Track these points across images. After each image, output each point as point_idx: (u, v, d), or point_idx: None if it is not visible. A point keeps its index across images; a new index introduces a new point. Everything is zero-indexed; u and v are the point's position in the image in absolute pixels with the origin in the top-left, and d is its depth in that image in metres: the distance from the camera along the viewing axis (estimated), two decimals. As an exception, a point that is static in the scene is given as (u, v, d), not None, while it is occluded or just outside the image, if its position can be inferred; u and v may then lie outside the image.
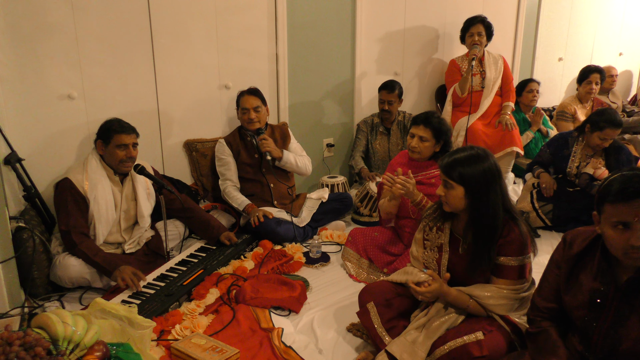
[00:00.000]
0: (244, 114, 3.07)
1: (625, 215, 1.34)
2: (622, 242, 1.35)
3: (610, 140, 3.09)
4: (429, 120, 2.49)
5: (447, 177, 1.83)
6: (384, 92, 3.70)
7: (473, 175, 1.78)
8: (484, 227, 1.80)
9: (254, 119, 3.06)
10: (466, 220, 1.87)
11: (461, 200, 1.81)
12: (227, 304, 2.36)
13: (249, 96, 3.08)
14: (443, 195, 1.85)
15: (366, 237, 2.73)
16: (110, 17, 2.78)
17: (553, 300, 1.62)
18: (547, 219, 3.25)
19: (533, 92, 4.29)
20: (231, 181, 3.14)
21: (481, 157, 1.80)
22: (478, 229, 1.81)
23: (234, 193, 3.11)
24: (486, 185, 1.78)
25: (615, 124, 3.04)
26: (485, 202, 1.78)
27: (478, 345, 1.68)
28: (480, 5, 4.51)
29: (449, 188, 1.83)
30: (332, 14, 3.68)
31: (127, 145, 2.54)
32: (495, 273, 1.84)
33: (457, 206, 1.83)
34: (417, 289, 1.79)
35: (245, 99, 3.07)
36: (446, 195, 1.84)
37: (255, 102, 3.06)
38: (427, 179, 2.57)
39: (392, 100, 3.69)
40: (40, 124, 2.65)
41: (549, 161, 3.41)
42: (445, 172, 1.83)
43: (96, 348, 1.62)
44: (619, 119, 3.06)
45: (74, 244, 2.42)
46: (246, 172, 3.16)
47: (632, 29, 5.89)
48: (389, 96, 3.68)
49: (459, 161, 1.81)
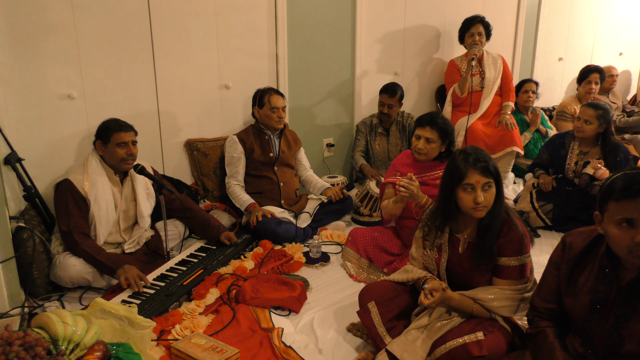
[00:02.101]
0: (274, 112, 3.11)
1: (630, 212, 1.33)
2: (627, 240, 1.34)
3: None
4: (435, 122, 2.48)
5: (490, 177, 1.78)
6: (385, 95, 3.70)
7: (494, 164, 1.82)
8: (494, 223, 1.80)
9: (283, 118, 3.16)
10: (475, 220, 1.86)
11: (494, 196, 1.81)
12: (227, 304, 2.36)
13: (279, 96, 3.16)
14: (483, 201, 1.76)
15: (366, 237, 2.73)
16: (110, 17, 2.78)
17: (552, 301, 1.62)
18: (547, 219, 3.25)
19: (528, 93, 4.27)
20: (236, 180, 3.16)
21: (480, 149, 1.87)
22: (487, 225, 1.81)
23: (238, 192, 3.13)
24: (499, 173, 1.83)
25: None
26: (502, 195, 1.83)
27: (478, 344, 1.68)
28: (480, 5, 4.51)
29: (487, 189, 1.78)
30: (332, 14, 3.68)
31: (127, 142, 2.54)
32: (497, 274, 1.84)
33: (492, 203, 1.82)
34: (423, 301, 1.78)
35: (276, 98, 3.13)
36: (488, 198, 1.78)
37: (284, 102, 3.17)
38: (432, 180, 2.57)
39: (392, 105, 3.69)
40: (40, 124, 2.65)
41: (547, 163, 3.42)
42: (487, 173, 1.78)
43: (96, 348, 1.62)
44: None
45: (75, 244, 2.42)
46: (258, 169, 3.18)
47: (632, 29, 5.89)
48: (390, 100, 3.68)
49: (489, 158, 1.82)
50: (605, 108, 3.13)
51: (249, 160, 3.17)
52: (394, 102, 3.68)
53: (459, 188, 1.80)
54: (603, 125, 3.13)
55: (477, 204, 1.76)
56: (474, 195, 1.77)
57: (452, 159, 1.85)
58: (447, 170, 1.85)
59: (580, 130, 3.17)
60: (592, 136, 3.18)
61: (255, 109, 3.18)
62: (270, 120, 3.13)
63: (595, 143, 3.21)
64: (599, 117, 3.10)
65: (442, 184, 1.89)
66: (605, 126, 3.13)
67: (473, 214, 1.80)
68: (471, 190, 1.77)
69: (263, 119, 3.16)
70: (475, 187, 1.77)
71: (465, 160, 1.79)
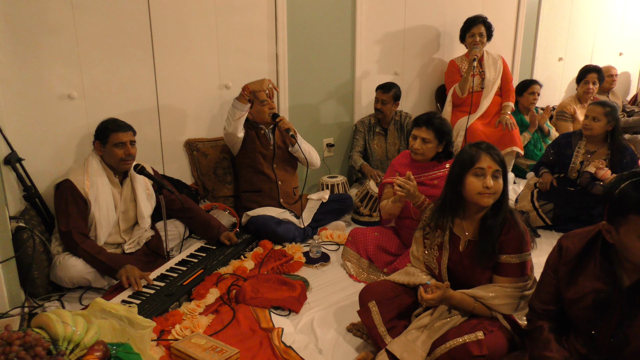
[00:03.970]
0: (264, 104, 3.10)
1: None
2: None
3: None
4: (431, 122, 2.49)
5: (500, 166, 1.83)
6: (379, 91, 3.72)
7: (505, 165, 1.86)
8: (497, 223, 1.81)
9: (274, 108, 3.17)
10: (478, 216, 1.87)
11: (502, 187, 1.84)
12: (227, 304, 2.36)
13: (261, 91, 3.13)
14: (492, 186, 1.79)
15: (366, 237, 2.73)
16: (110, 17, 2.78)
17: (550, 303, 1.62)
18: (548, 219, 3.25)
19: (534, 95, 4.28)
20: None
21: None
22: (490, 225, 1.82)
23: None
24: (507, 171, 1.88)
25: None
26: (507, 193, 1.86)
27: (478, 344, 1.68)
28: (480, 5, 4.51)
29: (496, 178, 1.82)
30: (332, 14, 3.68)
31: (125, 143, 2.54)
32: (497, 272, 1.85)
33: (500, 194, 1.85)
34: (423, 296, 1.79)
35: (262, 93, 3.10)
36: (496, 186, 1.81)
37: (270, 91, 3.16)
38: (430, 180, 2.57)
39: (385, 100, 3.69)
40: (40, 124, 2.65)
41: (553, 162, 3.41)
42: (498, 162, 1.82)
43: (96, 348, 1.62)
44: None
45: (75, 244, 2.41)
46: (259, 162, 3.16)
47: (632, 29, 5.89)
48: (384, 96, 3.69)
49: (499, 151, 1.86)
50: (612, 106, 3.13)
51: (251, 150, 3.15)
52: (387, 97, 3.68)
53: (469, 173, 1.82)
54: (612, 123, 3.11)
55: (487, 189, 1.78)
56: (483, 180, 1.79)
57: (462, 150, 1.89)
58: (457, 160, 1.88)
59: (588, 127, 3.15)
60: (600, 134, 3.16)
61: None
62: (263, 114, 3.13)
63: (602, 142, 3.19)
64: (607, 115, 3.09)
65: (449, 175, 1.91)
66: (614, 124, 3.12)
67: (479, 200, 1.81)
68: (481, 175, 1.80)
69: (256, 116, 3.16)
70: (486, 173, 1.80)
71: (477, 147, 1.85)
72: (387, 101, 3.70)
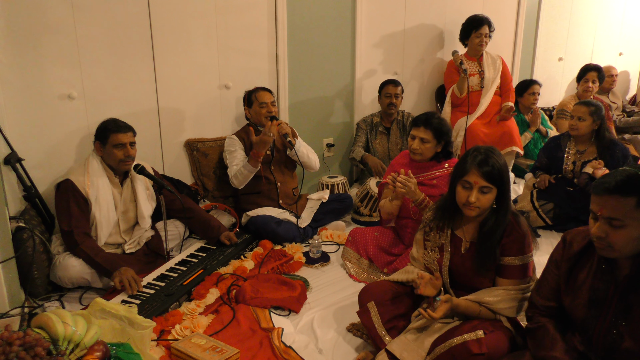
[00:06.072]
0: (263, 107, 3.11)
1: (593, 205, 1.36)
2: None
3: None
4: (430, 122, 2.49)
5: (491, 183, 1.78)
6: (390, 86, 3.72)
7: (503, 171, 1.80)
8: (496, 230, 1.80)
9: (272, 112, 3.15)
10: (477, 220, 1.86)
11: (491, 202, 1.82)
12: (227, 304, 2.36)
13: (265, 92, 3.16)
14: (475, 201, 1.78)
15: (366, 237, 2.73)
16: (110, 17, 2.77)
17: (552, 299, 1.62)
18: (548, 218, 3.25)
19: (535, 95, 4.29)
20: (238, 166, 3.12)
21: (496, 153, 1.84)
22: (488, 231, 1.81)
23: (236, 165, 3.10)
24: (508, 180, 1.82)
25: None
26: (507, 202, 1.83)
27: (478, 343, 1.68)
28: (480, 5, 4.51)
29: (485, 193, 1.79)
30: (332, 14, 3.68)
31: (125, 144, 2.53)
32: (500, 274, 1.84)
33: (487, 208, 1.83)
34: (431, 315, 1.77)
35: (262, 94, 3.14)
36: (480, 200, 1.78)
37: (272, 97, 3.16)
38: (429, 180, 2.57)
39: (397, 94, 3.72)
40: (40, 124, 2.65)
41: (547, 166, 3.44)
42: (488, 178, 1.77)
43: (96, 348, 1.62)
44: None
45: (75, 243, 2.41)
46: None
47: (632, 29, 5.89)
48: (395, 89, 3.71)
49: (498, 163, 1.79)
50: (597, 105, 3.16)
51: (249, 152, 3.15)
52: (399, 91, 3.73)
53: (459, 183, 1.83)
54: (597, 122, 3.15)
55: (469, 203, 1.78)
56: (468, 193, 1.79)
57: (465, 153, 1.88)
58: (457, 163, 1.89)
59: (574, 128, 3.19)
60: (587, 134, 3.19)
61: (246, 110, 3.19)
62: (261, 116, 3.13)
63: (590, 141, 3.22)
64: (592, 114, 3.13)
65: (450, 177, 1.92)
66: (600, 122, 3.15)
67: (464, 210, 1.84)
68: (468, 188, 1.80)
69: (254, 118, 3.16)
70: (472, 187, 1.79)
71: (472, 158, 1.81)
72: (399, 94, 3.73)
